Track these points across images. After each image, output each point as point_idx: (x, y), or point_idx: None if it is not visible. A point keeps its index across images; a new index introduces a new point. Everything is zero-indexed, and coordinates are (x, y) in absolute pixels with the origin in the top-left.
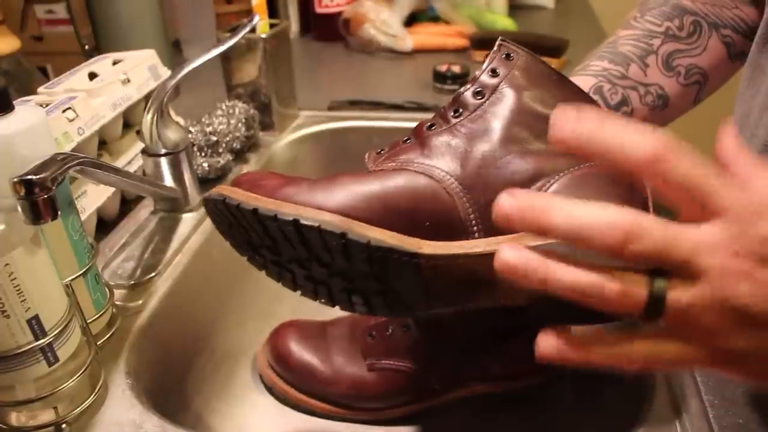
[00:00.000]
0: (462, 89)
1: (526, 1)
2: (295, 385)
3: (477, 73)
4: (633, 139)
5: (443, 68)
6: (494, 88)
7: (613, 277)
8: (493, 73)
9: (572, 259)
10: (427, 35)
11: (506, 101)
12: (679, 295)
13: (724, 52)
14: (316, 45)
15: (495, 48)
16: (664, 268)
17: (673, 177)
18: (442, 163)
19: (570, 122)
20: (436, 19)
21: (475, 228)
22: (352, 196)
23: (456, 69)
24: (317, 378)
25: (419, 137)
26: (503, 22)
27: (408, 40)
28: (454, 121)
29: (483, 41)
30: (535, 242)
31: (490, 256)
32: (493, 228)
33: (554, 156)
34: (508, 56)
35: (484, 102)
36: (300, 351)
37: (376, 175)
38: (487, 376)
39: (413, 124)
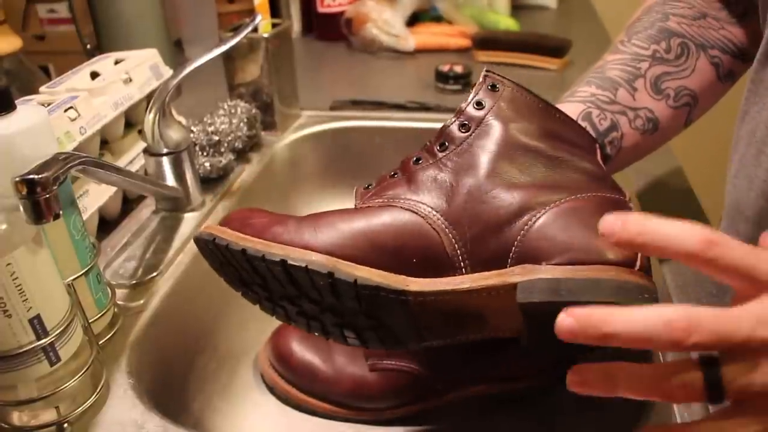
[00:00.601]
0: (448, 122)
1: (529, 1)
2: (296, 384)
3: (462, 105)
4: (681, 233)
5: (445, 68)
6: (480, 121)
7: (666, 375)
8: (479, 105)
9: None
10: (429, 35)
11: (492, 134)
12: (736, 375)
13: (713, 73)
14: (318, 45)
15: (480, 79)
16: (724, 352)
17: (725, 262)
18: (428, 198)
19: (618, 222)
20: (438, 18)
21: (462, 263)
22: (339, 235)
23: (458, 69)
24: (319, 378)
25: (406, 172)
26: (506, 22)
27: (410, 40)
28: (440, 155)
29: (485, 41)
30: (522, 278)
31: (477, 292)
32: (480, 262)
33: (540, 189)
34: (493, 87)
35: (470, 135)
36: (301, 351)
37: (363, 212)
38: (489, 376)
39: (415, 124)
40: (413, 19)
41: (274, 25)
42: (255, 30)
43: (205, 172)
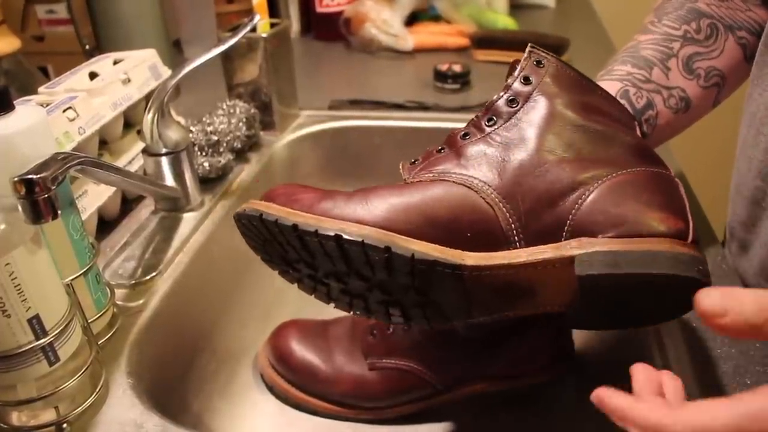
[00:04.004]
0: (495, 98)
1: (527, 0)
2: (296, 384)
3: (509, 81)
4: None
5: (444, 67)
6: (527, 96)
7: None
8: (526, 80)
9: None
10: (427, 34)
11: (540, 109)
12: None
13: (740, 54)
14: (317, 44)
15: (525, 55)
16: None
17: None
18: (479, 172)
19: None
20: (436, 18)
21: (516, 237)
22: (392, 209)
23: (457, 68)
24: (318, 377)
25: (454, 147)
26: (504, 21)
27: (409, 40)
28: (488, 129)
29: (484, 40)
30: (579, 251)
31: (533, 266)
32: (534, 237)
33: (589, 163)
34: (538, 63)
35: (518, 110)
36: (301, 350)
37: (415, 186)
38: (489, 375)
39: (414, 124)
40: (412, 19)
41: (272, 25)
42: (253, 30)
43: (204, 172)
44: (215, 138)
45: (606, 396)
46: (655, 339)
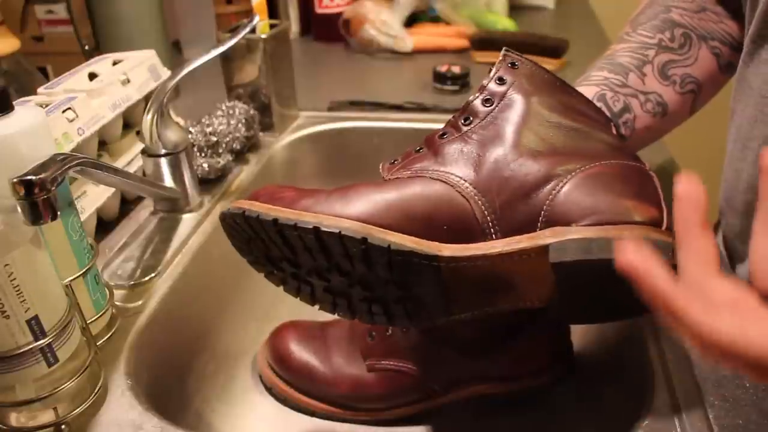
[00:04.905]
0: (471, 98)
1: (527, 2)
2: (294, 385)
3: (484, 82)
4: None
5: (443, 69)
6: (502, 95)
7: None
8: (500, 81)
9: None
10: (427, 36)
11: (515, 107)
12: None
13: (714, 63)
14: (316, 45)
15: (500, 57)
16: None
17: None
18: (456, 168)
19: None
20: (436, 19)
21: (492, 230)
22: (371, 204)
23: (456, 69)
24: (317, 378)
25: (432, 146)
26: (503, 22)
27: (408, 41)
28: (465, 128)
29: (483, 42)
30: (553, 240)
31: (509, 256)
32: (510, 228)
33: (564, 157)
34: (513, 65)
35: (494, 109)
36: (300, 351)
37: (393, 183)
38: (487, 377)
39: (413, 125)
40: (411, 20)
41: (271, 26)
42: (253, 31)
43: (203, 173)
44: (214, 139)
45: (645, 271)
46: (654, 340)
